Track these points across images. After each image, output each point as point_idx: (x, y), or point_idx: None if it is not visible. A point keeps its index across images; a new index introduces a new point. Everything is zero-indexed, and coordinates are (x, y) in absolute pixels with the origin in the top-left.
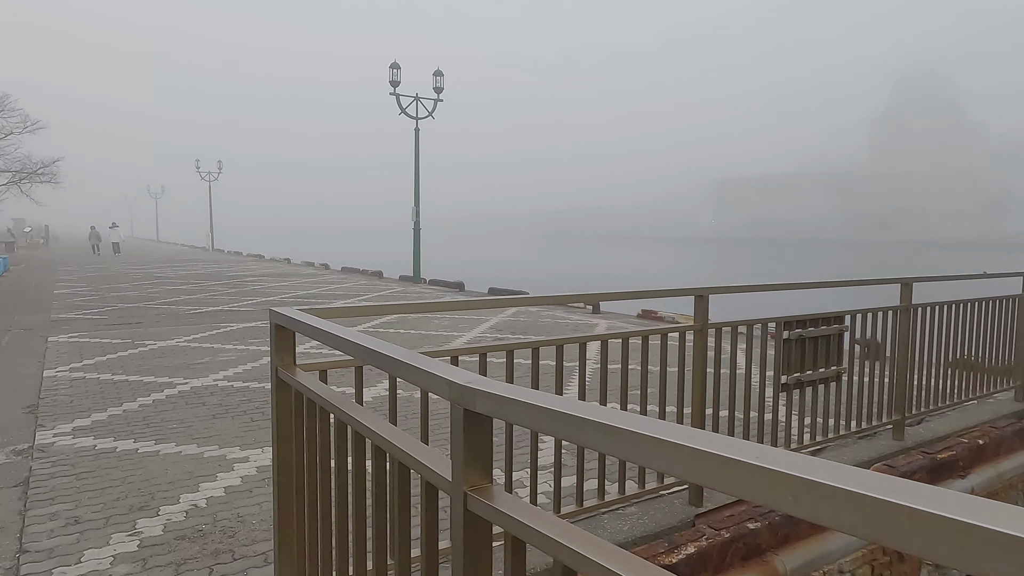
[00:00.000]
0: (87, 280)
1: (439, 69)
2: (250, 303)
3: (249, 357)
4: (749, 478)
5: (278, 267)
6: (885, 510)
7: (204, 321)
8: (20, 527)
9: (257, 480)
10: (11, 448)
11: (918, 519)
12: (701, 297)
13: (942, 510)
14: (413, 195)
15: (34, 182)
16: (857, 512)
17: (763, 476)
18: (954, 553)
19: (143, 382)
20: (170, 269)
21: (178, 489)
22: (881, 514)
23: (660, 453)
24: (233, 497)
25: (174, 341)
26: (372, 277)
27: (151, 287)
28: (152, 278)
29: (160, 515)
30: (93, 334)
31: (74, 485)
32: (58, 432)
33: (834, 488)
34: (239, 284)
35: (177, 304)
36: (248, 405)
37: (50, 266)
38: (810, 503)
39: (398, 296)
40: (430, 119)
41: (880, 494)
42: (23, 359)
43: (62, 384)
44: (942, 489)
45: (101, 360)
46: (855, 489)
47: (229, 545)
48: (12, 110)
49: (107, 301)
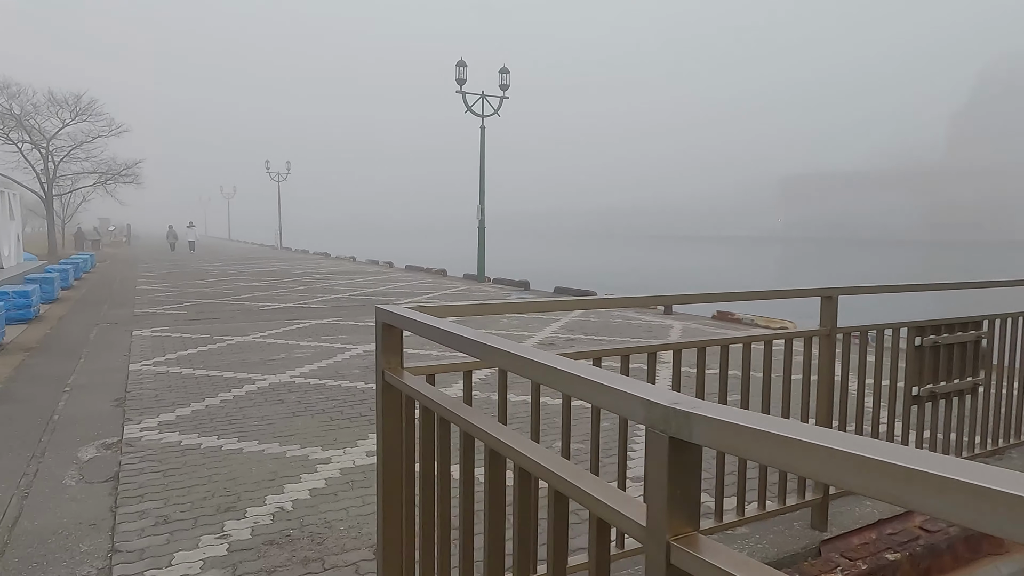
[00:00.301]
0: (166, 276)
1: (505, 66)
2: (320, 300)
3: (323, 354)
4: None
5: (343, 265)
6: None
7: (277, 317)
8: (111, 524)
9: (341, 483)
10: (101, 442)
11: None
12: (829, 298)
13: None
14: (478, 192)
15: (118, 183)
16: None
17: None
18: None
19: (223, 377)
20: (242, 267)
21: (263, 490)
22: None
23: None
24: (319, 500)
25: (250, 337)
26: (436, 275)
27: (225, 284)
28: (226, 275)
29: (247, 517)
30: (174, 329)
31: (162, 482)
32: (145, 426)
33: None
34: (308, 281)
35: (251, 300)
36: (326, 404)
37: (132, 263)
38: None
39: (464, 295)
40: (495, 116)
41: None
42: (110, 352)
43: (147, 378)
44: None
45: (182, 355)
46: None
47: (319, 553)
48: (99, 114)
49: (185, 297)
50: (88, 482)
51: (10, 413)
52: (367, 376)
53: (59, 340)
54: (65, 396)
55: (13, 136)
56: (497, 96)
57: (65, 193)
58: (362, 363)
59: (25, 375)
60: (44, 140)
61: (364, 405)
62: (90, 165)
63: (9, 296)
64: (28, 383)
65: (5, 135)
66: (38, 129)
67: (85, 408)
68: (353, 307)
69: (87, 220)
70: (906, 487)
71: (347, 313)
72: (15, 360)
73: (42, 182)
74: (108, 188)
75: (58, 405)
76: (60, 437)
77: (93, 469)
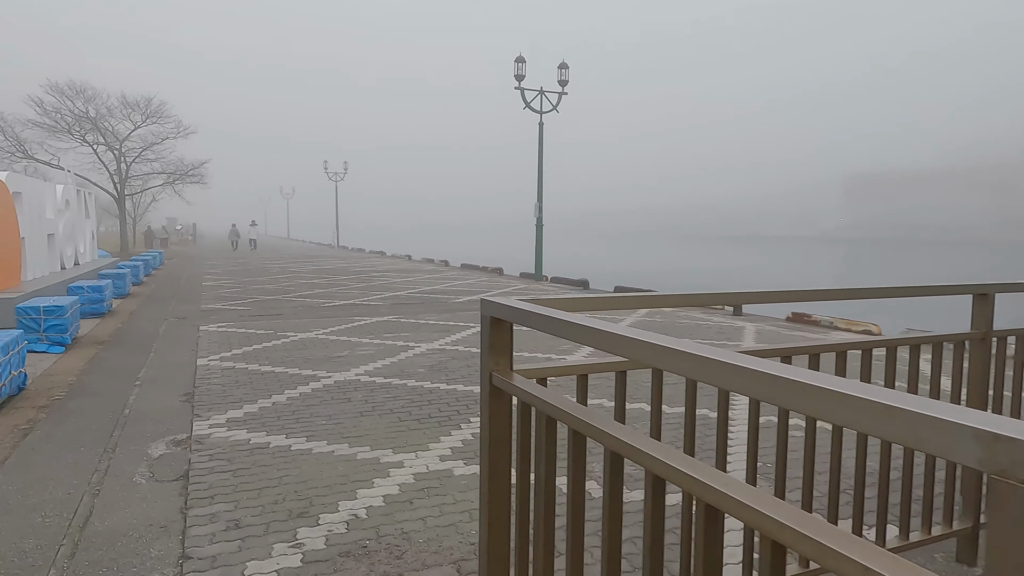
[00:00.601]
0: (230, 273)
1: (564, 62)
2: (379, 297)
3: (387, 352)
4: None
5: (400, 263)
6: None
7: (339, 314)
8: (182, 527)
9: (415, 490)
10: (171, 438)
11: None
12: (984, 296)
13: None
14: (536, 190)
15: (185, 182)
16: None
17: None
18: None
19: (288, 374)
20: (301, 264)
21: (335, 495)
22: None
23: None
24: (394, 509)
25: (313, 333)
26: (492, 274)
27: (286, 281)
28: (286, 272)
29: (320, 524)
30: (239, 324)
31: (231, 483)
32: (213, 423)
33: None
34: (366, 279)
35: (312, 297)
36: (394, 403)
37: (198, 260)
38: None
39: (520, 294)
40: (554, 112)
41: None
42: (178, 347)
43: (214, 373)
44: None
45: (248, 350)
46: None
47: (398, 568)
48: (168, 117)
49: (249, 293)
50: (158, 480)
51: (83, 407)
52: (432, 376)
53: (130, 334)
54: (135, 390)
55: (89, 138)
56: (555, 92)
57: (136, 193)
58: (426, 362)
59: (98, 368)
60: (117, 142)
61: (432, 406)
62: (159, 166)
63: (84, 291)
64: (101, 376)
65: (82, 137)
66: (112, 131)
67: (155, 403)
68: (412, 304)
69: (156, 219)
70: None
71: (407, 311)
72: (89, 353)
73: (115, 182)
74: (176, 188)
75: (129, 399)
76: (131, 432)
77: (163, 467)
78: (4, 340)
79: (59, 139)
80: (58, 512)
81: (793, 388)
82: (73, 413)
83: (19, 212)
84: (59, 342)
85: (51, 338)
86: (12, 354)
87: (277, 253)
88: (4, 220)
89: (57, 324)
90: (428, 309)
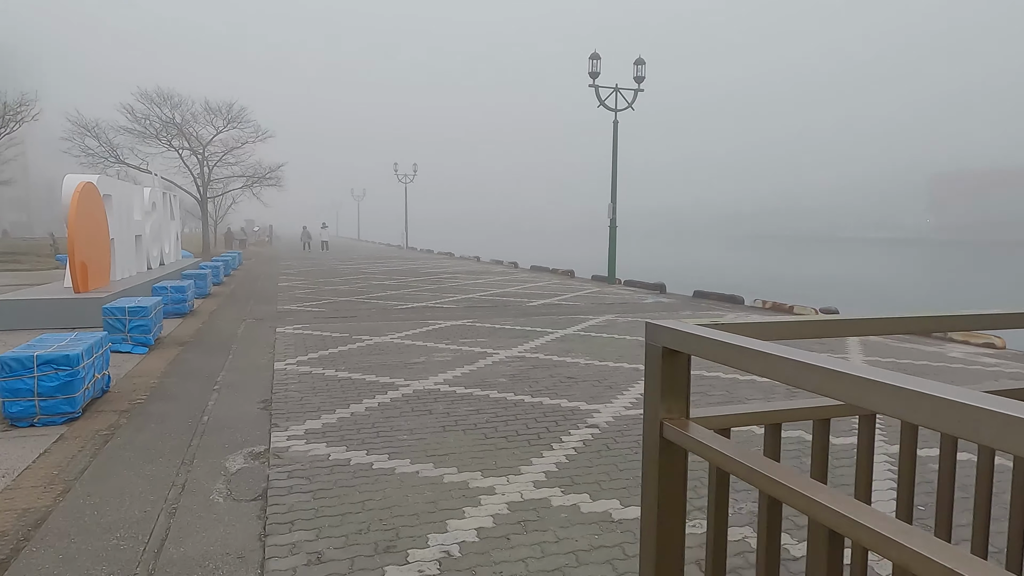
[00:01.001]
0: (304, 274)
1: (640, 58)
2: (451, 300)
3: (465, 359)
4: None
5: (469, 264)
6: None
7: (412, 317)
8: (260, 559)
9: (511, 523)
10: (249, 450)
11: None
12: None
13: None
14: (610, 191)
15: (263, 185)
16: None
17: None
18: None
19: (365, 381)
20: (372, 265)
21: (424, 525)
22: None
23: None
24: (489, 546)
25: (387, 337)
26: (564, 276)
27: (358, 282)
28: (358, 273)
29: (410, 562)
30: (314, 326)
31: (312, 506)
32: (291, 434)
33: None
34: (437, 281)
35: (384, 299)
36: (477, 417)
37: (273, 261)
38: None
39: (597, 297)
40: (629, 111)
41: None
42: (256, 349)
43: (291, 378)
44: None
45: (324, 354)
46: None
47: None
48: (247, 121)
49: (322, 295)
50: (236, 499)
51: (164, 412)
52: (515, 387)
53: (210, 335)
54: (214, 395)
55: (175, 143)
56: (632, 88)
57: (217, 195)
58: (506, 371)
59: (179, 371)
60: (200, 146)
61: (519, 421)
62: (239, 169)
63: (168, 291)
64: (181, 379)
65: (168, 142)
66: (196, 136)
67: (233, 410)
68: (485, 308)
69: (235, 221)
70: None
71: (481, 315)
72: (170, 354)
73: (198, 185)
74: (254, 190)
75: (208, 404)
76: (209, 442)
77: (241, 483)
78: (89, 342)
79: (148, 144)
80: (133, 535)
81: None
82: (153, 419)
83: (109, 214)
84: (143, 343)
85: (135, 339)
86: (96, 356)
87: (347, 254)
88: (95, 221)
89: (141, 324)
90: (502, 313)
